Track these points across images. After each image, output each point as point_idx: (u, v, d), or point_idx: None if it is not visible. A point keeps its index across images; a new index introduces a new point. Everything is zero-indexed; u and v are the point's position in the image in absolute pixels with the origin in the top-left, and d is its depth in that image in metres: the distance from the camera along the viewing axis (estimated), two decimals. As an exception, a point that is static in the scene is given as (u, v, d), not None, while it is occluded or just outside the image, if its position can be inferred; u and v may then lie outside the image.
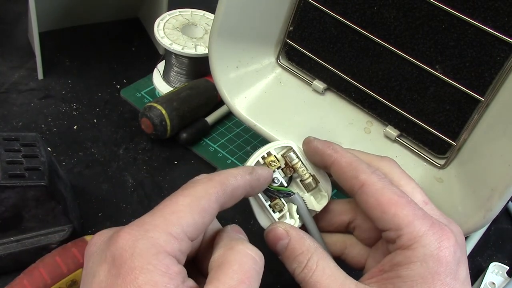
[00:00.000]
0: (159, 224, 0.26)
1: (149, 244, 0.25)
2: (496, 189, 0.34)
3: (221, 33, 0.43)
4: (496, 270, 0.48)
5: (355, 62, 0.43)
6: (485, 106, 0.37)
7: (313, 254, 0.29)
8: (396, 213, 0.28)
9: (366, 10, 0.41)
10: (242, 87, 0.46)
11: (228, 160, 0.55)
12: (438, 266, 0.27)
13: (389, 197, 0.29)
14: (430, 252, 0.27)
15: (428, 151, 0.42)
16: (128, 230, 0.25)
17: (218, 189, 0.28)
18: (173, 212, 0.26)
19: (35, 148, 0.41)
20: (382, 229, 0.29)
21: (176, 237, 0.25)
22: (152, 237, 0.25)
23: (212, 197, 0.28)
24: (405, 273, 0.27)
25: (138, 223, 0.26)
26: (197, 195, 0.27)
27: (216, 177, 0.29)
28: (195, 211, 0.27)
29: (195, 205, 0.27)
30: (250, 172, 0.31)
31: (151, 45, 0.69)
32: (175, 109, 0.53)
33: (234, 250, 0.27)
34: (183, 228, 0.26)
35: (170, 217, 0.26)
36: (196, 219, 0.27)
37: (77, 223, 0.43)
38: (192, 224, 0.26)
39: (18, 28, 0.67)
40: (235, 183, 0.29)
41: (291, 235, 0.31)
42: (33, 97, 0.58)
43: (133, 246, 0.24)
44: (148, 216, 0.26)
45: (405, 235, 0.28)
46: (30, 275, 0.37)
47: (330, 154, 0.33)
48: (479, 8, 0.35)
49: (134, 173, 0.52)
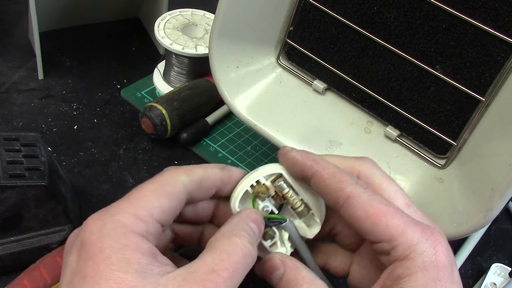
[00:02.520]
0: (124, 207, 0.26)
1: (116, 225, 0.25)
2: (496, 189, 0.34)
3: (222, 33, 0.43)
4: (498, 271, 0.47)
5: (356, 62, 0.43)
6: (486, 106, 0.37)
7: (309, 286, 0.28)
8: (387, 224, 0.28)
9: (366, 10, 0.41)
10: (242, 87, 0.46)
11: (229, 160, 0.55)
12: (438, 272, 0.27)
13: (377, 208, 0.28)
14: (428, 259, 0.27)
15: (429, 151, 0.42)
16: (95, 216, 0.26)
17: (184, 176, 0.29)
18: (138, 197, 0.27)
19: (36, 148, 0.41)
20: (373, 241, 0.28)
21: (142, 218, 0.26)
22: (118, 219, 0.26)
23: (178, 183, 0.29)
24: (409, 285, 0.26)
25: (105, 209, 0.27)
26: (162, 181, 0.29)
27: (184, 167, 0.30)
28: (160, 195, 0.28)
29: (161, 190, 0.28)
30: (222, 168, 0.32)
31: (151, 45, 0.69)
32: (175, 109, 0.53)
33: (230, 240, 0.27)
34: (149, 210, 0.27)
35: (135, 201, 0.27)
36: (162, 202, 0.27)
37: (77, 223, 0.43)
38: (158, 206, 0.27)
39: (18, 28, 0.67)
40: (204, 173, 0.30)
41: (286, 266, 0.30)
42: (34, 97, 0.58)
43: (101, 229, 0.25)
44: (115, 203, 0.27)
45: (400, 245, 0.27)
46: (31, 275, 0.37)
47: (311, 165, 0.31)
48: (480, 8, 0.35)
49: (135, 173, 0.52)
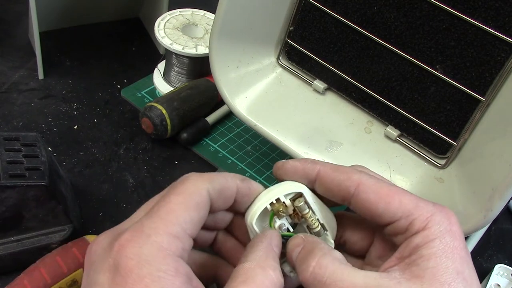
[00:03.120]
0: (158, 226, 0.25)
1: (154, 249, 0.24)
2: (496, 189, 0.34)
3: (222, 33, 0.43)
4: (501, 272, 0.47)
5: (356, 62, 0.43)
6: (486, 106, 0.37)
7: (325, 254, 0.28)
8: (401, 200, 0.28)
9: (366, 10, 0.41)
10: (242, 87, 0.46)
11: (229, 160, 0.55)
12: (454, 240, 0.27)
13: (388, 189, 0.29)
14: (444, 228, 0.27)
15: (429, 151, 0.42)
16: (129, 237, 0.25)
17: (207, 184, 0.29)
18: (169, 212, 0.26)
19: (36, 148, 0.41)
20: (389, 221, 0.29)
21: (177, 236, 0.26)
22: (156, 241, 0.25)
23: (203, 192, 0.28)
24: (427, 252, 0.27)
25: (138, 229, 0.26)
26: (188, 191, 0.28)
27: (205, 174, 0.29)
28: (190, 208, 0.27)
29: (189, 202, 0.27)
30: (242, 179, 0.31)
31: (151, 45, 0.69)
32: (175, 109, 0.53)
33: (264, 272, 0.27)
34: (182, 226, 0.26)
35: (167, 217, 0.26)
36: (192, 215, 0.27)
37: (78, 223, 0.43)
38: (190, 221, 0.27)
39: (19, 28, 0.67)
40: (225, 182, 0.30)
41: (306, 240, 0.30)
42: (34, 97, 0.58)
43: (139, 254, 0.24)
44: (146, 220, 0.26)
45: (418, 217, 0.28)
46: (31, 275, 0.37)
47: (312, 167, 0.31)
48: (480, 8, 0.35)
49: (135, 173, 0.52)
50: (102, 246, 0.26)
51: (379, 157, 0.43)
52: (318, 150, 0.44)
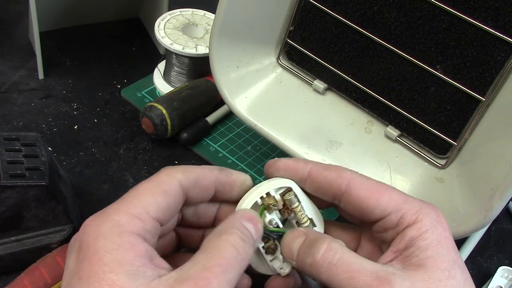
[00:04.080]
0: (120, 207, 0.27)
1: (111, 225, 0.25)
2: (497, 189, 0.34)
3: (222, 33, 0.43)
4: (505, 274, 0.47)
5: (356, 62, 0.43)
6: (486, 106, 0.37)
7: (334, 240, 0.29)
8: (391, 196, 0.29)
9: (366, 10, 0.41)
10: (242, 87, 0.46)
11: (229, 160, 0.55)
12: (445, 231, 0.28)
13: (377, 185, 0.30)
14: (434, 219, 0.28)
15: (429, 151, 0.42)
16: (92, 217, 0.26)
17: (180, 174, 0.29)
18: (134, 196, 0.27)
19: (36, 148, 0.41)
20: (380, 217, 0.29)
21: (138, 217, 0.26)
22: (114, 219, 0.26)
23: (173, 181, 0.29)
24: (424, 243, 0.28)
25: (102, 210, 0.27)
26: (158, 180, 0.29)
27: (181, 166, 0.30)
28: (156, 193, 0.28)
29: (156, 188, 0.28)
30: (220, 169, 0.32)
31: (151, 45, 0.69)
32: (175, 109, 0.53)
33: (221, 238, 0.27)
34: (145, 208, 0.27)
35: (131, 200, 0.27)
36: (158, 199, 0.28)
37: (78, 223, 0.43)
38: (154, 204, 0.27)
39: (19, 28, 0.67)
40: (201, 173, 0.30)
41: (309, 233, 0.31)
42: (34, 97, 0.58)
43: (97, 230, 0.25)
44: (112, 204, 0.27)
45: (408, 211, 0.28)
46: (31, 275, 0.37)
47: (303, 166, 0.32)
48: (480, 8, 0.35)
49: (135, 173, 0.52)
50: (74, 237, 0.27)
51: (379, 157, 0.43)
52: (318, 150, 0.44)
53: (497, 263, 0.50)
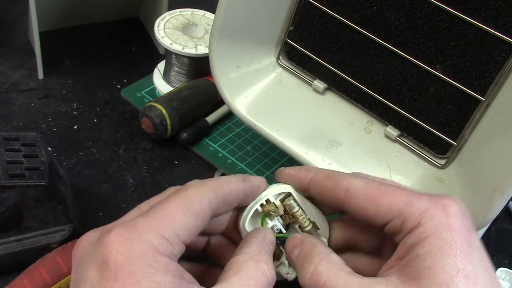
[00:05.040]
0: (152, 226, 0.26)
1: (145, 247, 0.25)
2: (496, 188, 0.34)
3: (222, 33, 0.43)
4: (503, 275, 0.47)
5: (356, 62, 0.43)
6: (486, 106, 0.37)
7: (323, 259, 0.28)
8: (391, 200, 0.28)
9: (366, 10, 0.41)
10: (242, 87, 0.46)
11: (229, 160, 0.55)
12: (452, 234, 0.25)
13: (377, 189, 0.28)
14: (439, 222, 0.26)
15: (429, 151, 0.42)
16: (120, 232, 0.25)
17: (210, 193, 0.28)
18: (165, 214, 0.26)
19: (36, 147, 0.41)
20: (383, 223, 0.28)
21: (169, 239, 0.26)
22: (147, 239, 0.25)
23: (204, 201, 0.28)
24: (423, 250, 0.25)
25: (130, 225, 0.26)
26: (189, 198, 0.28)
27: (208, 182, 0.29)
28: (187, 214, 0.27)
29: (187, 208, 0.27)
30: (244, 179, 0.31)
31: (151, 45, 0.69)
32: (175, 109, 0.53)
33: (257, 266, 0.27)
34: (176, 231, 0.26)
35: (163, 219, 0.26)
36: (189, 221, 0.27)
37: (78, 223, 0.43)
38: (185, 226, 0.27)
39: (18, 28, 0.67)
40: (228, 189, 0.30)
41: (304, 243, 0.31)
42: (34, 96, 0.58)
43: (129, 250, 0.24)
44: (141, 218, 0.26)
45: (410, 216, 0.27)
46: (31, 275, 0.37)
47: (305, 174, 0.32)
48: (480, 8, 0.35)
49: (135, 173, 0.52)
50: (90, 241, 0.26)
51: (379, 157, 0.43)
52: (318, 150, 0.44)
53: (497, 263, 0.50)
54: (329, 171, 0.31)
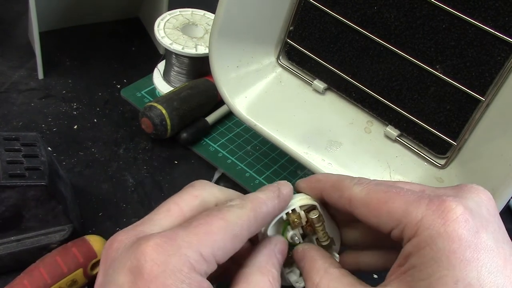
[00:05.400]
0: (192, 242, 0.25)
1: (182, 261, 0.24)
2: (496, 189, 0.34)
3: (222, 33, 0.43)
4: None
5: (356, 62, 0.43)
6: (486, 106, 0.37)
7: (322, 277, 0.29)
8: (388, 211, 0.27)
9: (366, 10, 0.41)
10: (242, 87, 0.46)
11: (229, 160, 0.55)
12: (450, 243, 0.24)
13: (377, 199, 0.28)
14: (435, 231, 0.24)
15: (429, 151, 0.42)
16: (159, 242, 0.25)
17: (251, 217, 0.28)
18: (207, 233, 0.26)
19: (36, 147, 0.41)
20: (387, 231, 0.28)
21: (206, 258, 0.25)
22: (185, 254, 0.25)
23: (244, 225, 0.28)
24: (418, 261, 0.25)
25: (170, 236, 0.25)
26: (231, 220, 0.27)
27: (249, 203, 0.29)
28: (227, 237, 0.27)
29: (229, 231, 0.27)
30: (278, 195, 0.31)
31: (151, 44, 0.69)
32: (175, 109, 0.53)
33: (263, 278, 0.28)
34: (214, 251, 0.26)
35: (203, 238, 0.26)
36: (227, 244, 0.27)
37: (77, 223, 0.43)
38: (223, 248, 0.26)
39: (19, 28, 0.67)
40: (266, 211, 0.30)
41: (305, 257, 0.31)
42: (34, 96, 0.58)
43: (166, 262, 0.24)
44: (182, 232, 0.26)
45: (407, 225, 0.26)
46: (30, 275, 0.37)
47: (315, 186, 0.32)
48: (480, 8, 0.35)
49: (134, 172, 0.52)
50: (124, 244, 0.26)
51: (379, 157, 0.43)
52: (318, 150, 0.44)
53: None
54: (336, 179, 0.31)
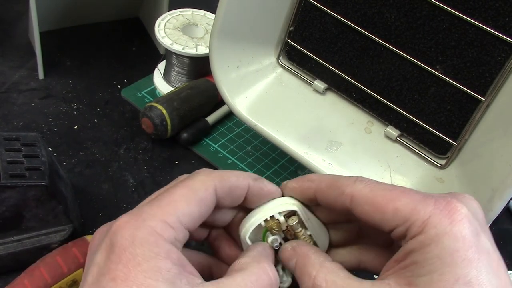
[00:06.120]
0: (155, 213, 0.27)
1: (147, 232, 0.26)
2: (497, 189, 0.34)
3: (222, 33, 0.43)
4: None
5: (356, 62, 0.43)
6: (486, 106, 0.37)
7: (318, 271, 0.28)
8: (395, 208, 0.27)
9: (366, 10, 0.41)
10: (242, 87, 0.46)
11: (229, 160, 0.55)
12: (455, 242, 0.25)
13: (382, 196, 0.28)
14: (442, 230, 0.25)
15: (429, 151, 0.42)
16: (127, 219, 0.26)
17: (216, 182, 0.29)
18: (169, 202, 0.27)
19: (36, 148, 0.41)
20: (389, 230, 0.28)
21: (172, 225, 0.27)
22: (150, 225, 0.26)
23: (209, 189, 0.29)
24: (421, 258, 0.25)
25: (136, 213, 0.27)
26: (194, 186, 0.29)
27: (217, 171, 0.30)
28: (191, 202, 0.28)
29: (191, 196, 0.28)
30: (255, 179, 0.31)
31: (151, 45, 0.69)
32: (175, 109, 0.53)
33: (259, 265, 0.28)
34: (179, 218, 0.27)
35: (166, 207, 0.27)
36: (192, 209, 0.28)
37: (78, 223, 0.43)
38: (188, 214, 0.27)
39: (19, 28, 0.67)
40: (235, 181, 0.30)
41: (297, 254, 0.30)
42: (34, 96, 0.58)
43: (133, 235, 0.25)
44: (146, 206, 0.27)
45: (413, 223, 0.26)
46: (31, 275, 0.37)
47: (308, 186, 0.31)
48: (480, 8, 0.35)
49: (135, 173, 0.52)
50: (101, 232, 0.28)
51: (379, 157, 0.43)
52: (318, 150, 0.44)
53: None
54: (331, 178, 0.31)
